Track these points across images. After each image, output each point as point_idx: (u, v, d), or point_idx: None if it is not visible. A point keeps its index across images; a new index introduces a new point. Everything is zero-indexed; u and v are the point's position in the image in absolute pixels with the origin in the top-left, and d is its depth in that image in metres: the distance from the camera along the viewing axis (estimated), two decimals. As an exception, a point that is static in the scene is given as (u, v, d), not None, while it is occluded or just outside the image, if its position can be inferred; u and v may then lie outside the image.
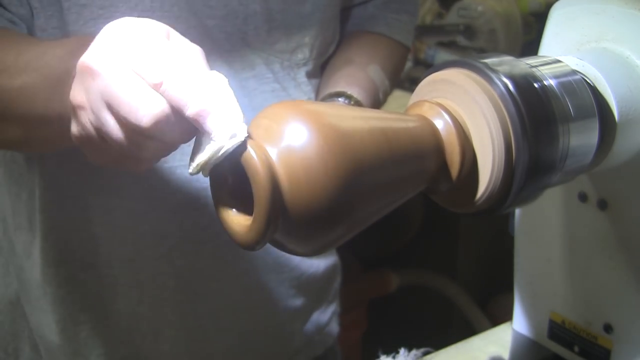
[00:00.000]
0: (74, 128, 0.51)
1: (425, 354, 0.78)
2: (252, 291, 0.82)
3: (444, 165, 0.50)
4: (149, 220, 0.76)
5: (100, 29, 0.49)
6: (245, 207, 0.46)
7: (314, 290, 0.90)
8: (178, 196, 0.74)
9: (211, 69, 0.48)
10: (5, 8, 0.67)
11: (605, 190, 0.62)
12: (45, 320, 0.81)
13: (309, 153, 0.44)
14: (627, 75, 0.56)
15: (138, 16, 0.49)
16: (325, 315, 0.94)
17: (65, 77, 0.53)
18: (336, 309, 0.97)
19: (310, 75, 0.83)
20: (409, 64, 1.91)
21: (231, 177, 0.47)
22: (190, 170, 0.46)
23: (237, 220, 0.46)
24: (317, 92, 0.84)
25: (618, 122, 0.55)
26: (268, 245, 0.82)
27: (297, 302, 0.88)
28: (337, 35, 0.86)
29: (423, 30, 1.94)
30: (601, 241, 0.63)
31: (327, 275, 0.92)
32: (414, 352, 0.76)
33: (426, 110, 0.50)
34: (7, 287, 0.86)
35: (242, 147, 0.44)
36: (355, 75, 0.82)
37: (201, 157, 0.45)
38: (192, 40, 0.49)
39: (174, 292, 0.78)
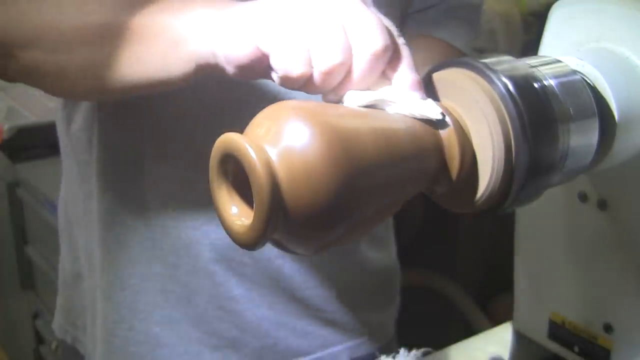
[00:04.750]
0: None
1: (425, 354, 0.78)
2: (288, 267, 0.82)
3: (443, 166, 0.50)
4: (192, 190, 0.77)
5: None
6: (245, 206, 0.46)
7: (361, 284, 0.89)
8: None
9: None
10: None
11: (605, 190, 0.62)
12: (94, 287, 0.84)
13: (309, 153, 0.44)
14: (627, 75, 0.56)
15: None
16: (376, 316, 0.92)
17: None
18: (392, 313, 0.96)
19: None
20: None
21: (231, 176, 0.47)
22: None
23: (236, 220, 0.46)
24: None
25: (618, 122, 0.55)
26: None
27: (339, 287, 0.87)
28: None
29: (423, 30, 1.93)
30: (601, 241, 0.63)
31: (381, 273, 0.91)
32: (414, 352, 0.76)
33: (426, 110, 0.50)
34: (73, 262, 0.89)
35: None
36: None
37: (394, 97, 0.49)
38: None
39: (208, 261, 0.79)
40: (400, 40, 0.51)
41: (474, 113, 0.49)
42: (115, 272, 0.81)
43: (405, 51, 0.51)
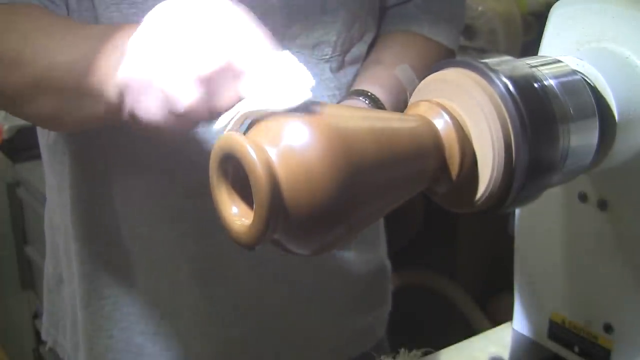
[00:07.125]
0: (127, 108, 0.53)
1: (425, 354, 0.78)
2: (269, 281, 0.82)
3: (444, 165, 0.50)
4: (165, 202, 0.77)
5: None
6: (245, 206, 0.46)
7: (346, 289, 0.89)
8: (194, 180, 0.75)
9: None
10: None
11: (605, 190, 0.62)
12: (74, 293, 0.84)
13: (309, 153, 0.44)
14: (627, 75, 0.56)
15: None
16: (363, 320, 0.92)
17: (109, 49, 0.55)
18: (382, 315, 0.95)
19: (335, 70, 0.82)
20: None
21: (231, 176, 0.47)
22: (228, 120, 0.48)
23: (236, 220, 0.46)
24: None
25: (618, 122, 0.55)
26: None
27: (322, 297, 0.86)
28: (366, 34, 0.85)
29: (423, 30, 1.93)
30: (601, 241, 0.63)
31: (368, 276, 0.90)
32: (414, 352, 0.76)
33: (426, 110, 0.50)
34: (55, 266, 0.89)
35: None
36: (379, 74, 0.81)
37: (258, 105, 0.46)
38: None
39: (188, 276, 0.79)
40: (250, 48, 0.50)
41: (474, 113, 0.49)
42: (90, 283, 0.81)
43: (253, 53, 0.50)
